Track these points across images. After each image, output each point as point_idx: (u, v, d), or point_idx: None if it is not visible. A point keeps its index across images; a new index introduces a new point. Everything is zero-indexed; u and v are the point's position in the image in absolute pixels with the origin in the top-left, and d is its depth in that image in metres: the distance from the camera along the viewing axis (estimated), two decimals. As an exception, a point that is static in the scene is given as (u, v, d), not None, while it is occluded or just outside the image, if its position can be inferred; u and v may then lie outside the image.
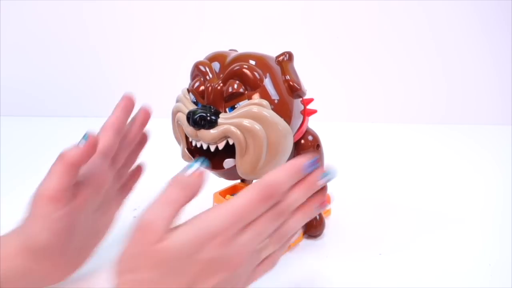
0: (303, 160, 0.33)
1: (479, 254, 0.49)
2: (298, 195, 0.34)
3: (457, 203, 0.62)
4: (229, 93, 0.39)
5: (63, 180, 0.37)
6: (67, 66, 1.03)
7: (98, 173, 0.40)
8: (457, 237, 0.53)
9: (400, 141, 0.91)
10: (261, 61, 0.41)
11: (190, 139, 0.43)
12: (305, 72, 0.47)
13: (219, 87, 0.40)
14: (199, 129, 0.39)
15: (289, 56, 0.42)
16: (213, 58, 0.42)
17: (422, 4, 0.96)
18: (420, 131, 0.96)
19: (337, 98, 1.02)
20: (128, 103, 0.44)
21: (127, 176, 0.45)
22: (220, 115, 0.40)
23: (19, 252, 0.36)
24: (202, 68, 0.42)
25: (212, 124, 0.39)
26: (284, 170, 0.33)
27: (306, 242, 0.51)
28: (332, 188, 0.53)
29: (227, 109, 0.40)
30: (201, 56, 0.44)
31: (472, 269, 0.47)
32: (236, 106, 0.40)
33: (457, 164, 0.77)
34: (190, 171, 0.31)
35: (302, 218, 0.36)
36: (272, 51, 0.44)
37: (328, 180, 0.36)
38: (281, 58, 0.42)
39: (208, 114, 0.39)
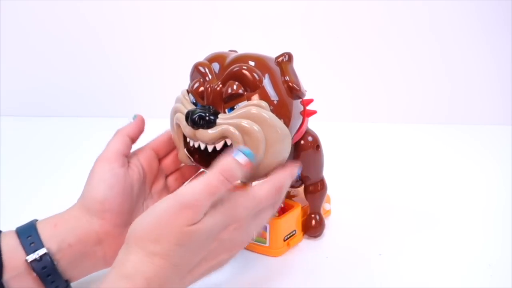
0: (297, 168, 0.41)
1: (479, 254, 0.49)
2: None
3: (457, 203, 0.62)
4: (228, 94, 0.39)
5: (117, 145, 0.43)
6: (67, 66, 1.03)
7: (148, 162, 0.46)
8: (457, 237, 0.53)
9: (399, 141, 0.91)
10: (261, 62, 0.41)
11: (188, 140, 0.43)
12: (305, 72, 0.47)
13: (218, 88, 0.40)
14: (198, 129, 0.39)
15: (289, 57, 0.42)
16: (213, 59, 0.42)
17: (423, 3, 0.96)
18: (419, 131, 0.96)
19: (338, 98, 1.02)
20: None
21: (171, 185, 0.49)
22: (219, 116, 0.40)
23: (79, 212, 0.40)
24: (201, 69, 0.42)
25: (211, 124, 0.39)
26: (290, 175, 0.40)
27: (306, 242, 0.51)
28: (332, 189, 0.53)
29: (226, 110, 0.40)
30: (201, 57, 0.44)
31: (472, 269, 0.47)
32: (235, 107, 0.40)
33: (457, 164, 0.77)
34: (237, 159, 0.35)
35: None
36: (272, 51, 0.44)
37: None
38: (280, 59, 0.42)
39: (207, 114, 0.39)
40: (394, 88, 1.02)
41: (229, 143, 0.40)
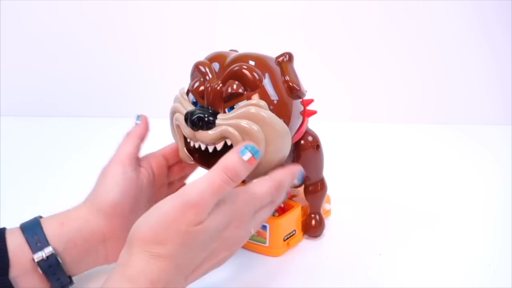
0: (299, 169, 0.42)
1: (479, 254, 0.49)
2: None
3: (457, 203, 0.62)
4: (228, 94, 0.39)
5: (130, 148, 0.44)
6: (67, 65, 1.03)
7: (159, 167, 0.47)
8: (457, 237, 0.53)
9: (399, 141, 0.91)
10: (261, 61, 0.41)
11: (188, 140, 0.43)
12: (305, 72, 0.47)
13: (219, 87, 0.40)
14: (197, 130, 0.39)
15: (289, 56, 0.42)
16: (213, 58, 0.42)
17: (423, 3, 0.96)
18: (419, 131, 0.96)
19: (338, 98, 1.02)
20: None
21: (175, 186, 0.51)
22: (218, 116, 0.40)
23: (87, 212, 0.40)
24: (202, 68, 0.42)
25: (210, 125, 0.39)
26: (290, 173, 0.41)
27: (306, 242, 0.51)
28: (332, 189, 0.53)
29: (226, 110, 0.40)
30: (201, 56, 0.44)
31: (472, 269, 0.47)
32: (235, 106, 0.40)
33: (457, 164, 0.77)
34: (243, 157, 0.35)
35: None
36: (272, 51, 0.44)
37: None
38: (281, 58, 0.42)
39: (206, 115, 0.39)
40: (394, 88, 1.02)
41: (229, 143, 0.40)
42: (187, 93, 0.44)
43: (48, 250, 0.37)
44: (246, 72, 0.39)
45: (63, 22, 1.00)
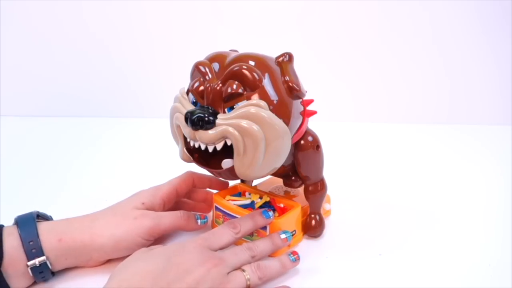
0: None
1: (479, 254, 0.49)
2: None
3: (457, 203, 0.62)
4: (228, 94, 0.39)
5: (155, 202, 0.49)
6: (67, 66, 1.03)
7: (169, 201, 0.51)
8: (457, 237, 0.53)
9: (399, 141, 0.91)
10: (261, 61, 0.41)
11: (188, 139, 0.43)
12: (305, 72, 0.47)
13: (218, 87, 0.40)
14: (197, 129, 0.39)
15: (289, 57, 0.42)
16: (213, 58, 0.42)
17: (422, 3, 0.96)
18: (419, 131, 0.96)
19: (338, 98, 1.02)
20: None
21: None
22: (218, 116, 0.40)
23: (91, 239, 0.43)
24: (202, 68, 0.42)
25: (210, 125, 0.39)
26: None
27: (306, 242, 0.51)
28: (332, 189, 0.53)
29: (226, 110, 0.40)
30: (201, 56, 0.44)
31: (472, 269, 0.47)
32: (235, 106, 0.40)
33: (457, 164, 0.77)
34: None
35: (278, 263, 0.44)
36: (272, 51, 0.44)
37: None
38: (281, 59, 0.42)
39: (206, 115, 0.39)
40: (394, 88, 1.02)
41: (229, 143, 0.40)
42: (187, 93, 0.44)
43: (41, 259, 0.40)
44: (246, 72, 0.39)
45: (63, 22, 1.00)
